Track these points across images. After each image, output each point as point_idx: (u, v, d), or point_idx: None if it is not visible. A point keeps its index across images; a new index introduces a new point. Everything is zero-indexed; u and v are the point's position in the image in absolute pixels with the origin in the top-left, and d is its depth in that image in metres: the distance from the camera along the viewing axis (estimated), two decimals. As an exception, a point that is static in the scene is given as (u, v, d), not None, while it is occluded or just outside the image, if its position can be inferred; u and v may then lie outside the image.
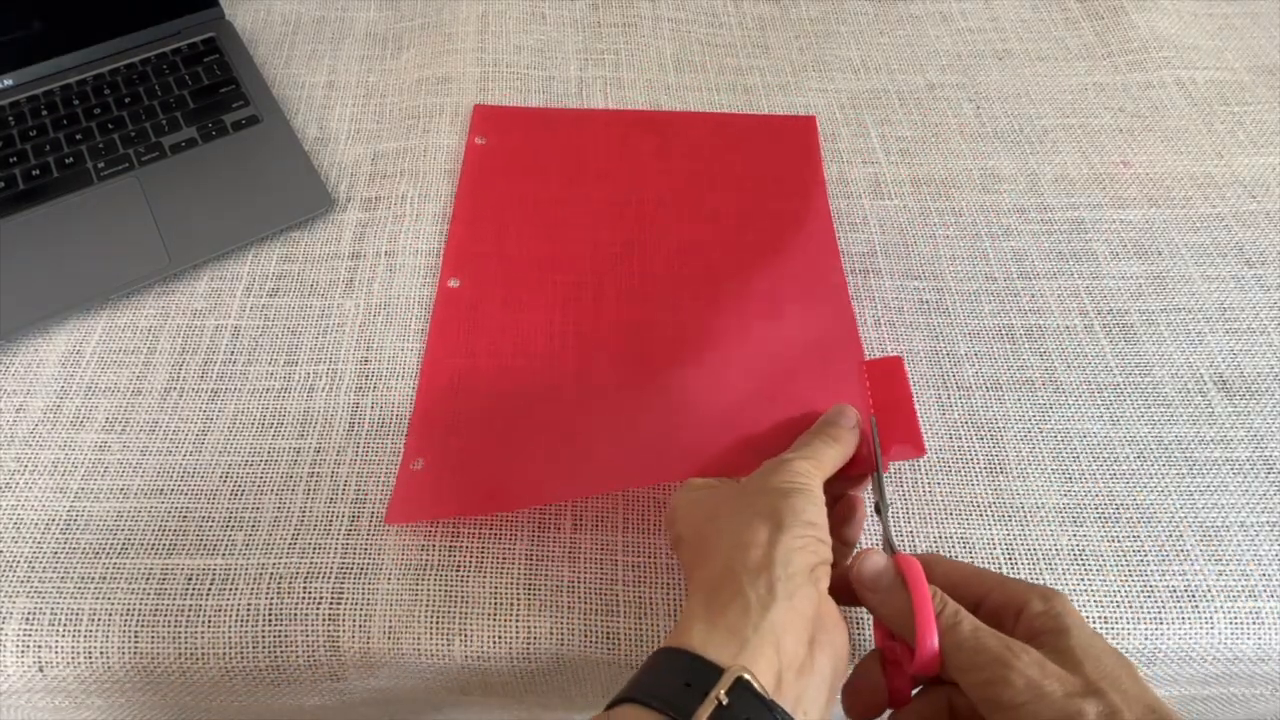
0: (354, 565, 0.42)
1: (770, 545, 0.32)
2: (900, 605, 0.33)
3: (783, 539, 0.32)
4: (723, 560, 0.32)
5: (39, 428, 0.46)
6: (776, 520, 0.33)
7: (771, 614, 0.30)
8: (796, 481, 0.35)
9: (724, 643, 0.29)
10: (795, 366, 0.46)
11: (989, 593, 0.34)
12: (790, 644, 0.30)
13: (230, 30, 0.65)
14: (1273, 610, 0.41)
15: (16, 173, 0.55)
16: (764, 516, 0.33)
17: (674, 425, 0.44)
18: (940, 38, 0.68)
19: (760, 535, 0.32)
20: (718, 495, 0.36)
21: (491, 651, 0.40)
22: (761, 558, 0.32)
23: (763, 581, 0.31)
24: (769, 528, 0.32)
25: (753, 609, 0.30)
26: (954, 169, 0.59)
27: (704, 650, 0.29)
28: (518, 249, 0.54)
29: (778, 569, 0.31)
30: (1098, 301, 0.52)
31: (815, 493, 0.34)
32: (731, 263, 0.53)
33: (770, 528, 0.32)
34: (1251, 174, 0.59)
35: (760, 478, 0.36)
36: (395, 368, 0.49)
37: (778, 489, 0.34)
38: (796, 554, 0.32)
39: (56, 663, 0.39)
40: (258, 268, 0.53)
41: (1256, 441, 0.46)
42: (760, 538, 0.32)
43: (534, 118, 0.61)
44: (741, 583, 0.31)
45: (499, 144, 0.59)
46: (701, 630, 0.30)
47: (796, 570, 0.31)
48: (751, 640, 0.29)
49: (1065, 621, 0.32)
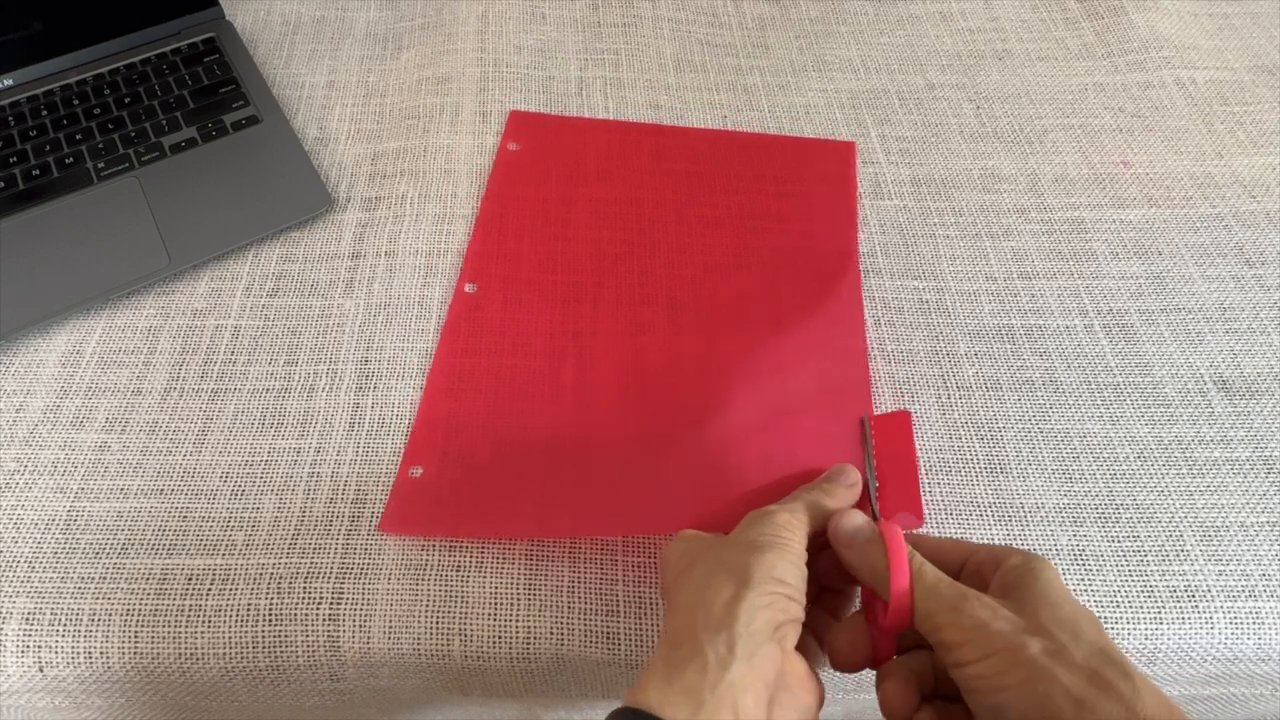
0: (354, 565, 0.42)
1: (734, 602, 0.31)
2: (875, 558, 0.34)
3: (748, 595, 0.31)
4: (686, 615, 0.32)
5: (39, 428, 0.46)
6: (744, 576, 0.32)
7: (730, 674, 0.29)
8: (775, 535, 0.34)
9: (680, 703, 0.29)
10: (801, 418, 0.46)
11: (973, 554, 0.35)
12: (750, 705, 0.29)
13: (230, 30, 0.65)
14: (1273, 610, 0.41)
15: (16, 173, 0.55)
16: (731, 571, 0.33)
17: (673, 476, 0.44)
18: (940, 38, 0.68)
19: (725, 592, 0.32)
20: (699, 546, 0.36)
21: (491, 651, 0.40)
22: (723, 614, 0.31)
23: (723, 640, 0.30)
24: (734, 584, 0.32)
25: (710, 668, 0.30)
26: (954, 169, 0.59)
27: (660, 710, 0.29)
28: (539, 260, 0.53)
29: (739, 627, 0.30)
30: (1098, 301, 0.52)
31: (792, 548, 0.34)
32: (757, 299, 0.51)
33: (736, 584, 0.32)
34: (1251, 174, 0.59)
35: (741, 529, 0.35)
36: (395, 368, 0.49)
37: (753, 543, 0.34)
38: (761, 611, 0.31)
39: (56, 663, 0.39)
40: (258, 268, 0.53)
41: (1256, 441, 0.46)
42: (724, 594, 0.32)
43: (569, 126, 0.61)
44: (701, 640, 0.30)
45: (531, 151, 0.59)
46: (658, 689, 0.30)
47: (759, 629, 0.31)
48: (709, 702, 0.29)
49: (1036, 575, 0.32)
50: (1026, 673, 0.29)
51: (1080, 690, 0.29)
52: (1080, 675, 0.29)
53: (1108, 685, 0.29)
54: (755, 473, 0.43)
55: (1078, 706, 0.28)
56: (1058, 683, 0.29)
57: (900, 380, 0.49)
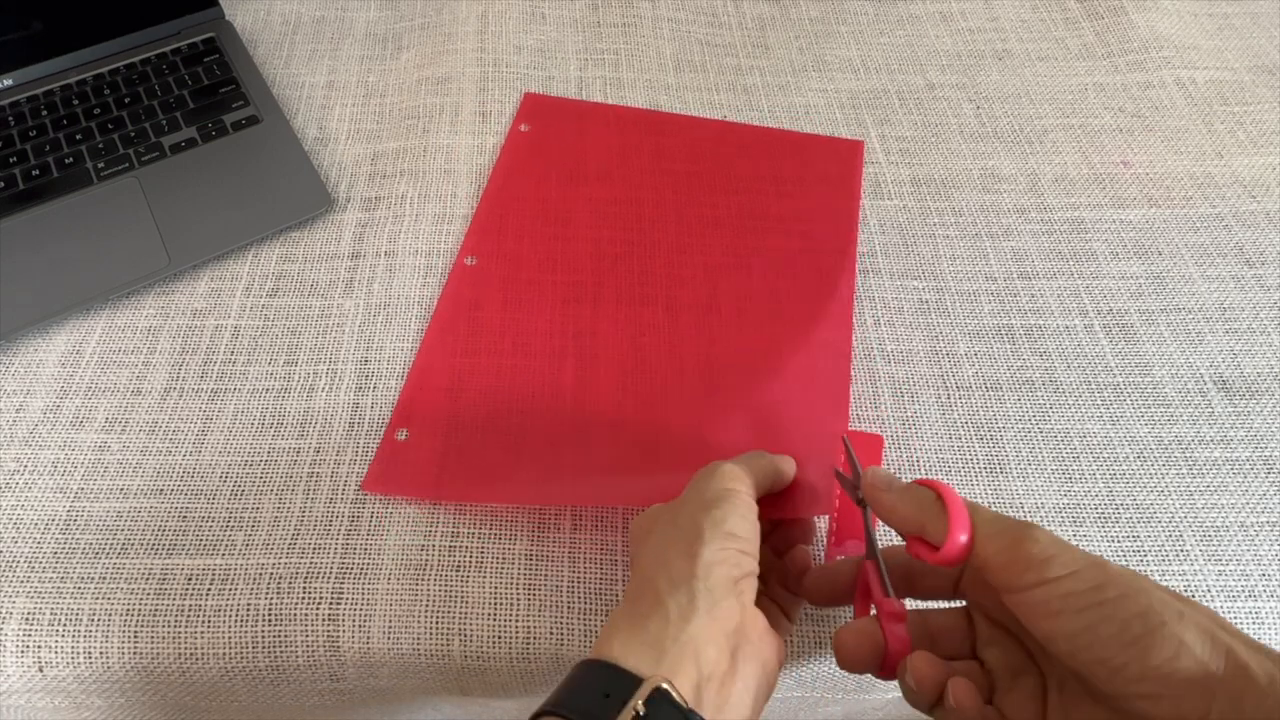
0: (354, 565, 0.42)
1: (691, 558, 0.32)
2: (920, 498, 0.33)
3: (704, 551, 0.32)
4: (647, 573, 0.33)
5: (39, 428, 0.46)
6: (697, 532, 0.33)
7: (692, 625, 0.30)
8: (723, 487, 0.34)
9: (643, 653, 0.29)
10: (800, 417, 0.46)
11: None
12: (712, 654, 0.30)
13: (230, 30, 0.65)
14: (1273, 610, 0.41)
15: (16, 173, 0.55)
16: (686, 529, 0.33)
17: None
18: (940, 38, 0.68)
19: (680, 547, 0.32)
20: (658, 512, 0.36)
21: (491, 651, 0.40)
22: (682, 570, 0.32)
23: (683, 593, 0.31)
24: (689, 540, 0.32)
25: (672, 620, 0.30)
26: (954, 169, 0.59)
27: (623, 661, 0.29)
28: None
29: (698, 582, 0.31)
30: (1098, 301, 0.52)
31: (740, 501, 0.34)
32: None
33: (690, 540, 0.32)
34: (1251, 174, 0.59)
35: (691, 485, 0.36)
36: (395, 368, 0.49)
37: (702, 499, 0.34)
38: (717, 566, 0.32)
39: (56, 663, 0.39)
40: (258, 268, 0.53)
41: (1256, 441, 0.46)
42: (680, 549, 0.32)
43: (581, 111, 0.61)
44: (662, 594, 0.31)
45: (541, 133, 0.60)
46: (621, 641, 0.30)
47: (717, 582, 0.31)
48: (670, 651, 0.29)
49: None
50: (1124, 585, 0.29)
51: (1178, 604, 0.28)
52: (1169, 593, 0.29)
53: (1194, 604, 0.28)
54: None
55: (1180, 617, 0.28)
56: (1155, 594, 0.28)
57: (900, 380, 0.49)
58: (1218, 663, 0.27)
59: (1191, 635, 0.27)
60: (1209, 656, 0.27)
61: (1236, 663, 0.27)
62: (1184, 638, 0.27)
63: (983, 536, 0.31)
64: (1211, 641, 0.27)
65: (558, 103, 0.62)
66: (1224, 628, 0.28)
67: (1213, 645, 0.27)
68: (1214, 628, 0.28)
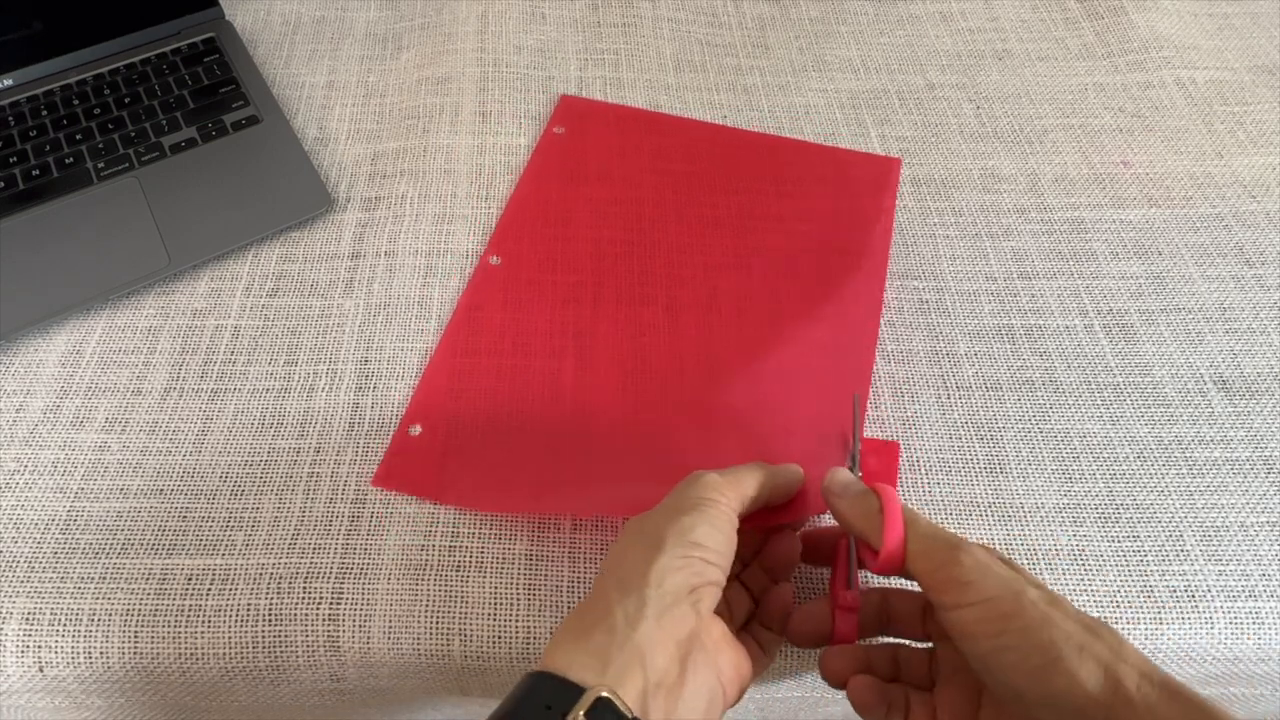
0: (354, 565, 0.42)
1: (645, 564, 0.31)
2: (867, 506, 0.35)
3: (659, 559, 0.31)
4: (602, 579, 0.32)
5: (39, 428, 0.46)
6: (658, 539, 0.32)
7: (639, 632, 0.29)
8: (700, 497, 0.34)
9: (588, 663, 0.29)
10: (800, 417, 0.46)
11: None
12: (660, 662, 0.29)
13: (230, 30, 0.65)
14: (1273, 610, 0.41)
15: (16, 173, 0.55)
16: (649, 535, 0.33)
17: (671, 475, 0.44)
18: (940, 38, 0.68)
19: (637, 553, 0.32)
20: (635, 519, 0.35)
21: (491, 651, 0.40)
22: (634, 576, 0.31)
23: (633, 600, 0.30)
24: (647, 547, 0.32)
25: (619, 628, 0.30)
26: (954, 169, 0.59)
27: (567, 671, 0.29)
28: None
29: (649, 589, 0.30)
30: (1098, 301, 0.52)
31: (718, 512, 0.33)
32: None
33: (648, 547, 0.32)
34: (1251, 174, 0.59)
35: (672, 494, 0.35)
36: (395, 368, 0.49)
37: (676, 507, 0.34)
38: (672, 574, 0.31)
39: (56, 663, 0.39)
40: (258, 268, 0.53)
41: (1256, 441, 0.46)
42: (636, 556, 0.32)
43: (618, 115, 0.61)
44: (611, 602, 0.31)
45: (575, 136, 0.60)
46: (566, 651, 0.30)
47: (670, 590, 0.31)
48: (616, 659, 0.29)
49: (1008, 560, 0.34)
50: (1030, 617, 0.30)
51: (1080, 637, 0.30)
52: (1077, 624, 0.30)
53: (1098, 634, 0.30)
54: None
55: (1079, 651, 0.29)
56: (1059, 628, 0.30)
57: (900, 380, 0.49)
58: (1107, 693, 0.29)
59: (1087, 669, 0.29)
60: (1099, 689, 0.29)
61: (1123, 693, 0.29)
62: (1078, 672, 0.29)
63: (914, 553, 0.33)
64: (1104, 673, 0.29)
65: (595, 106, 0.62)
66: (1124, 659, 0.29)
67: (1105, 677, 0.29)
68: (1113, 660, 0.29)
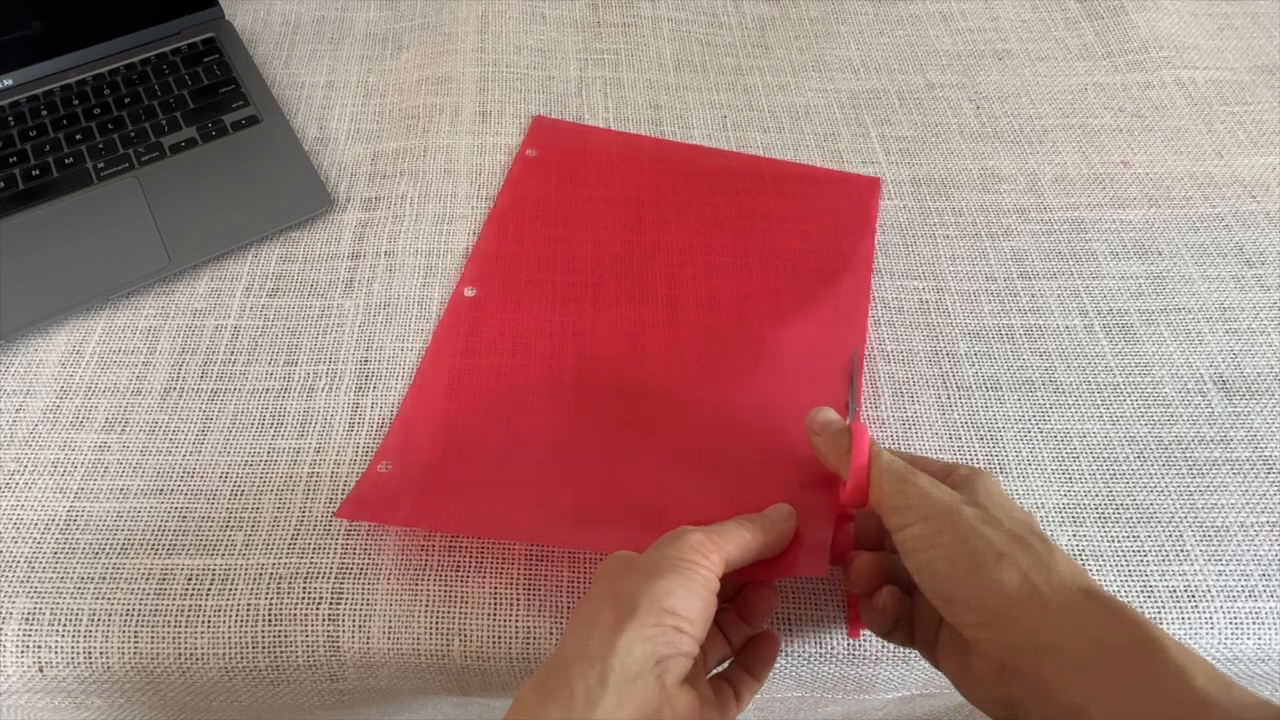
0: (354, 565, 0.42)
1: (614, 632, 0.30)
2: (841, 442, 0.38)
3: (630, 626, 0.30)
4: (568, 641, 0.31)
5: (39, 428, 0.46)
6: (630, 604, 0.30)
7: (598, 711, 0.28)
8: (680, 558, 0.32)
9: None
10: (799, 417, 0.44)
11: (928, 464, 0.38)
12: None
13: (230, 30, 0.65)
14: (1273, 610, 0.41)
15: (16, 173, 0.55)
16: (619, 599, 0.31)
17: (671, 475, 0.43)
18: (940, 38, 0.68)
19: (606, 619, 0.30)
20: (613, 566, 0.34)
21: (491, 651, 0.40)
22: (600, 646, 0.29)
23: (595, 673, 0.29)
24: (618, 613, 0.30)
25: (578, 704, 0.28)
26: (954, 169, 0.59)
27: None
28: (539, 260, 0.52)
29: (614, 660, 0.29)
30: (1098, 301, 0.52)
31: (698, 575, 0.32)
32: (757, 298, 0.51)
33: (619, 613, 0.30)
34: (1251, 174, 0.59)
35: (652, 548, 0.34)
36: (395, 368, 0.49)
37: (654, 566, 0.32)
38: (640, 644, 0.29)
39: (56, 663, 0.39)
40: (258, 268, 0.53)
41: (1256, 441, 0.46)
42: (605, 621, 0.30)
43: (591, 137, 0.60)
44: (571, 673, 0.29)
45: (548, 158, 0.58)
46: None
47: (635, 661, 0.29)
48: None
49: (980, 475, 0.36)
50: (957, 532, 0.33)
51: (1002, 545, 0.32)
52: (1004, 535, 0.32)
53: (1026, 545, 0.32)
54: (753, 473, 0.43)
55: (998, 559, 0.31)
56: (982, 538, 0.32)
57: (900, 380, 0.49)
58: (1023, 596, 0.31)
59: (1006, 574, 0.31)
60: (1015, 591, 0.31)
61: (1038, 596, 0.30)
62: (997, 575, 0.31)
63: (875, 486, 0.36)
64: (1022, 579, 0.31)
65: (568, 127, 0.60)
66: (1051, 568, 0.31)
67: (1022, 581, 0.31)
68: (1034, 567, 0.31)
